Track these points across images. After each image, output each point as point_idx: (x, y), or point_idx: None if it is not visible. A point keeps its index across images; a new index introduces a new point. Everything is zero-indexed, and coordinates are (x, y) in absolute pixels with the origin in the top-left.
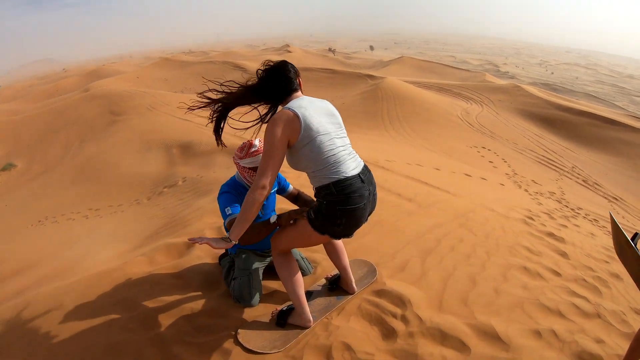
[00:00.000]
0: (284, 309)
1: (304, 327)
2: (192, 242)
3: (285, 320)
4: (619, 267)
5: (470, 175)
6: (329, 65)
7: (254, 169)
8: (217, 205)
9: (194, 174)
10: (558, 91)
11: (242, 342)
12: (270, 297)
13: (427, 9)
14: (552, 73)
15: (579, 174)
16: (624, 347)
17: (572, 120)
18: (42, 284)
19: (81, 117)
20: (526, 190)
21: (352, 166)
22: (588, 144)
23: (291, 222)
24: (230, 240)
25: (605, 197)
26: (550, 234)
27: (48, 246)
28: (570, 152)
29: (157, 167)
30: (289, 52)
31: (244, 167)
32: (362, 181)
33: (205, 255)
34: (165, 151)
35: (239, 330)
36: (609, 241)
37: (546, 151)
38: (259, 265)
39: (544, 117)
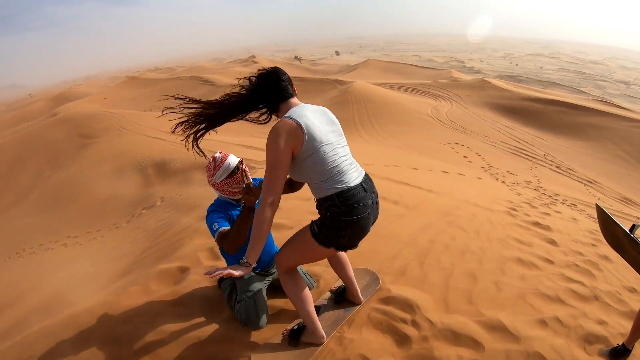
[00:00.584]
0: (295, 327)
1: (318, 344)
2: (212, 276)
3: (298, 339)
4: (606, 250)
5: (447, 172)
6: (296, 73)
7: (231, 177)
8: (205, 224)
9: (172, 193)
10: (524, 82)
11: None
12: (277, 316)
13: (386, 10)
14: (517, 65)
15: (552, 161)
16: (624, 325)
17: (540, 109)
18: (30, 321)
19: (50, 142)
20: (503, 182)
21: (354, 176)
22: (558, 131)
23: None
24: (250, 264)
25: (580, 181)
26: (536, 223)
27: (29, 279)
28: (542, 141)
29: (133, 189)
30: (256, 62)
31: (221, 182)
32: (365, 190)
33: (202, 280)
34: (139, 172)
35: (252, 355)
36: (591, 225)
37: (518, 141)
38: (262, 285)
39: (513, 109)
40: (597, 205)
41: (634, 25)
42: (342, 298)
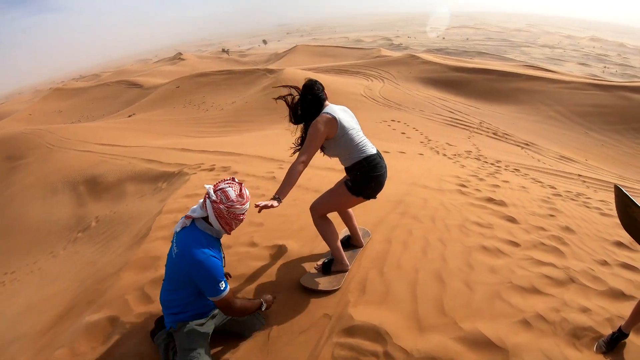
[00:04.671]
0: (326, 260)
1: (345, 271)
2: (259, 207)
3: (329, 269)
4: (565, 220)
5: (388, 152)
6: (224, 67)
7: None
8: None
9: (106, 210)
10: (452, 54)
11: (306, 285)
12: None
13: None
14: (444, 38)
15: (487, 128)
16: (607, 307)
17: (470, 78)
18: None
19: None
20: (445, 155)
21: (372, 148)
22: (489, 99)
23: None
24: (280, 200)
25: (518, 145)
26: (490, 199)
27: None
28: (475, 109)
29: (67, 210)
30: (182, 59)
31: (237, 214)
32: (380, 157)
33: (133, 332)
34: (71, 190)
35: (301, 279)
36: (541, 192)
37: (452, 112)
38: (206, 334)
39: (444, 81)
40: (616, 186)
41: None
42: (349, 244)
